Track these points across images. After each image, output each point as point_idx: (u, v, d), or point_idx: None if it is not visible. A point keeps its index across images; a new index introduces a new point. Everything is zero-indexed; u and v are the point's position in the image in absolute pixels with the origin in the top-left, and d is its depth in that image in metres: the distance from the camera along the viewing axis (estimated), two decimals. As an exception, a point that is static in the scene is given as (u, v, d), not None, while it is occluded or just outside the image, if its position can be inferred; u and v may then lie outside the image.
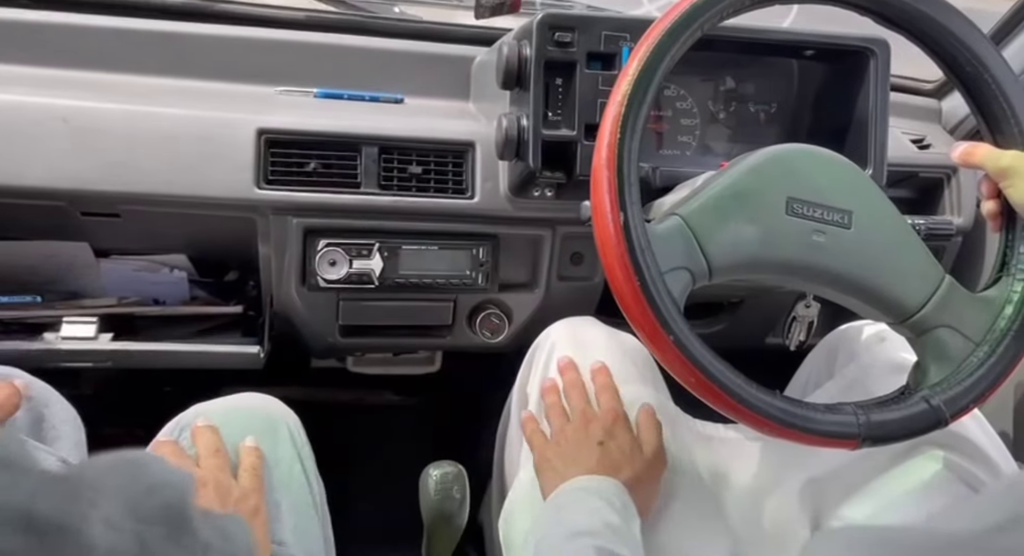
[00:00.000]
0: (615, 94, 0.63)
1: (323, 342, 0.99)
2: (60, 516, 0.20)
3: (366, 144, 0.89)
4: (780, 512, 0.75)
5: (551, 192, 0.90)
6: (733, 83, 0.94)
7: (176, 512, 0.23)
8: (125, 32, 0.96)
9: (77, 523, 0.21)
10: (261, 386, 0.84)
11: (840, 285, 0.68)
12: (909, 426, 0.66)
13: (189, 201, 0.87)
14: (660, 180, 0.82)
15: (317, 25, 1.06)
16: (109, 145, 0.84)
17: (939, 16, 0.69)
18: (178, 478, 0.25)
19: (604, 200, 0.61)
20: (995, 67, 0.70)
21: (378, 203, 0.90)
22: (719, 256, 0.64)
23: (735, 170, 0.67)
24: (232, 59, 0.99)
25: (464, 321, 1.01)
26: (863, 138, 0.87)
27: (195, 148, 0.86)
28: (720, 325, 1.14)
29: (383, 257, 0.92)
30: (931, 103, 1.18)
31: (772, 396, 0.63)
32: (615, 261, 0.60)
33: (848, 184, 0.69)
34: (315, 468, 0.74)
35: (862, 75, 0.87)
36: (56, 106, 0.84)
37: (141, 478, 0.24)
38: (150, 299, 0.99)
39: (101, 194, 0.85)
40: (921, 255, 0.70)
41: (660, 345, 0.60)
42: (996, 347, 0.68)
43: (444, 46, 1.06)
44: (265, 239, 0.92)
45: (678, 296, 0.62)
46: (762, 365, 0.76)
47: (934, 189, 1.07)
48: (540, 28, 0.82)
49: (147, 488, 0.23)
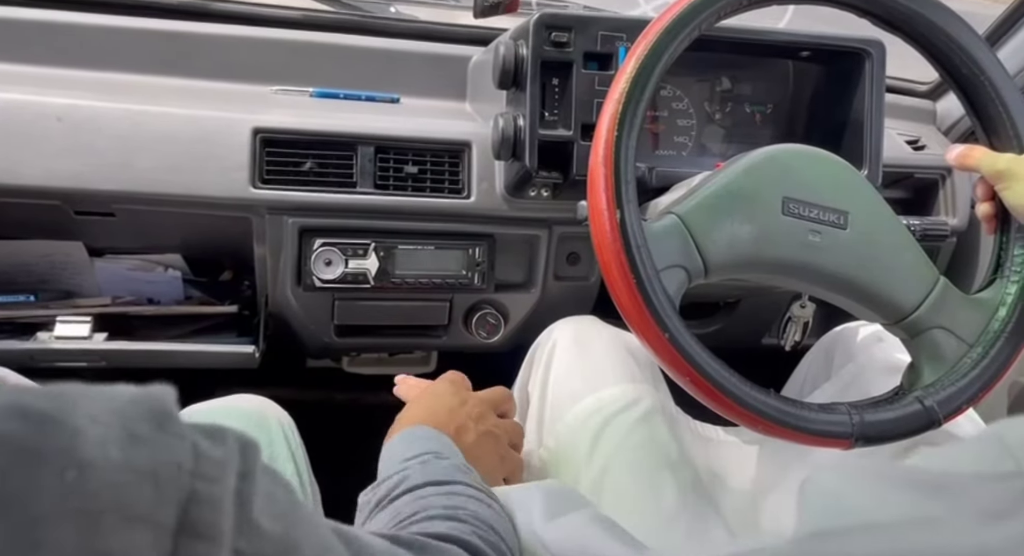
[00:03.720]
0: (612, 92, 0.63)
1: (318, 342, 0.99)
2: (50, 408, 0.21)
3: (362, 144, 0.89)
4: (777, 513, 0.75)
5: (547, 192, 0.90)
6: (729, 84, 0.94)
7: (161, 413, 0.23)
8: (120, 31, 0.96)
9: (66, 416, 0.21)
10: (256, 386, 0.84)
11: (835, 285, 0.68)
12: (902, 426, 0.66)
13: (184, 200, 0.86)
14: (656, 180, 0.82)
15: (313, 24, 1.05)
16: (104, 144, 0.84)
17: (935, 18, 0.70)
18: (158, 391, 0.25)
19: (601, 198, 0.61)
20: (990, 69, 0.70)
21: (374, 203, 0.90)
22: (715, 255, 0.64)
23: (731, 170, 0.67)
24: (228, 58, 0.98)
25: (460, 321, 1.01)
26: (858, 139, 0.87)
27: (190, 147, 0.86)
28: (716, 325, 1.14)
29: (379, 257, 0.91)
30: (926, 104, 1.19)
31: (766, 395, 0.63)
32: (611, 258, 0.60)
33: (844, 185, 0.69)
34: (309, 469, 0.74)
35: (857, 76, 0.88)
36: (50, 105, 0.84)
37: (119, 394, 0.24)
38: (144, 298, 0.99)
39: (96, 193, 0.85)
40: (916, 256, 0.70)
41: (655, 342, 0.60)
42: (989, 349, 0.68)
43: (440, 46, 1.06)
44: (260, 239, 0.91)
45: (674, 294, 0.62)
46: (758, 365, 0.77)
47: (929, 190, 1.08)
48: (537, 28, 0.82)
49: (129, 398, 0.24)
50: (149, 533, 0.21)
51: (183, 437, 0.23)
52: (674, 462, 0.75)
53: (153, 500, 0.21)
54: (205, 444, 0.24)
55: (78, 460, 0.21)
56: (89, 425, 0.21)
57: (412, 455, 0.57)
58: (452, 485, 0.52)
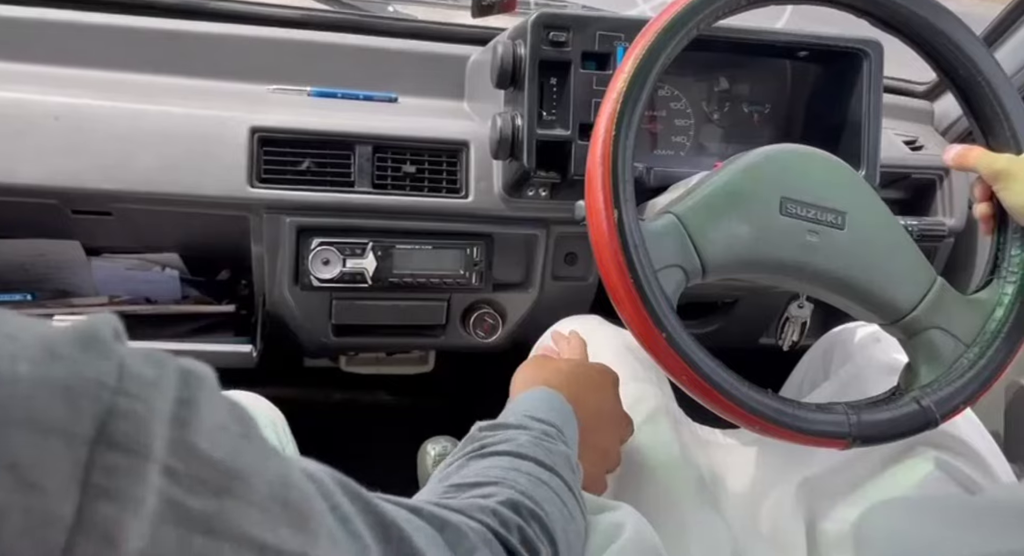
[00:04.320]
0: (611, 91, 0.63)
1: (316, 341, 0.99)
2: None
3: (360, 143, 0.89)
4: (776, 513, 0.75)
5: (545, 192, 0.90)
6: (727, 84, 0.94)
7: (89, 335, 0.23)
8: (117, 29, 0.96)
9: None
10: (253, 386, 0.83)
11: (832, 285, 0.68)
12: (899, 426, 0.66)
13: (181, 199, 0.86)
14: (654, 180, 0.82)
15: (311, 23, 1.05)
16: (101, 143, 0.84)
17: (933, 18, 0.70)
18: (99, 318, 0.25)
19: (598, 197, 0.61)
20: (988, 70, 0.70)
21: (372, 202, 0.90)
22: (712, 254, 0.64)
23: (729, 169, 0.67)
24: (225, 57, 0.98)
25: (458, 321, 1.01)
26: (856, 139, 0.87)
27: (188, 146, 0.85)
28: (714, 325, 1.14)
29: (376, 256, 0.91)
30: (923, 104, 1.19)
31: (764, 395, 0.63)
32: (609, 257, 0.60)
33: (842, 185, 0.69)
34: None
35: (855, 76, 0.88)
36: (48, 103, 0.83)
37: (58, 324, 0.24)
38: (142, 298, 0.99)
39: (93, 192, 0.84)
40: (913, 257, 0.70)
41: (652, 342, 0.60)
42: (986, 349, 0.68)
43: (438, 45, 1.05)
44: (258, 238, 0.91)
45: (671, 293, 0.62)
46: (755, 365, 0.77)
47: (926, 190, 1.08)
48: (535, 27, 0.82)
49: (65, 326, 0.24)
50: (61, 443, 0.21)
51: (108, 357, 0.23)
52: (675, 463, 0.75)
53: (66, 414, 0.21)
54: (136, 365, 0.24)
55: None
56: (4, 341, 0.21)
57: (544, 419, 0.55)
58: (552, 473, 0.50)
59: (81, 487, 0.21)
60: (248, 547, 0.24)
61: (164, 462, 0.23)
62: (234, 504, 0.24)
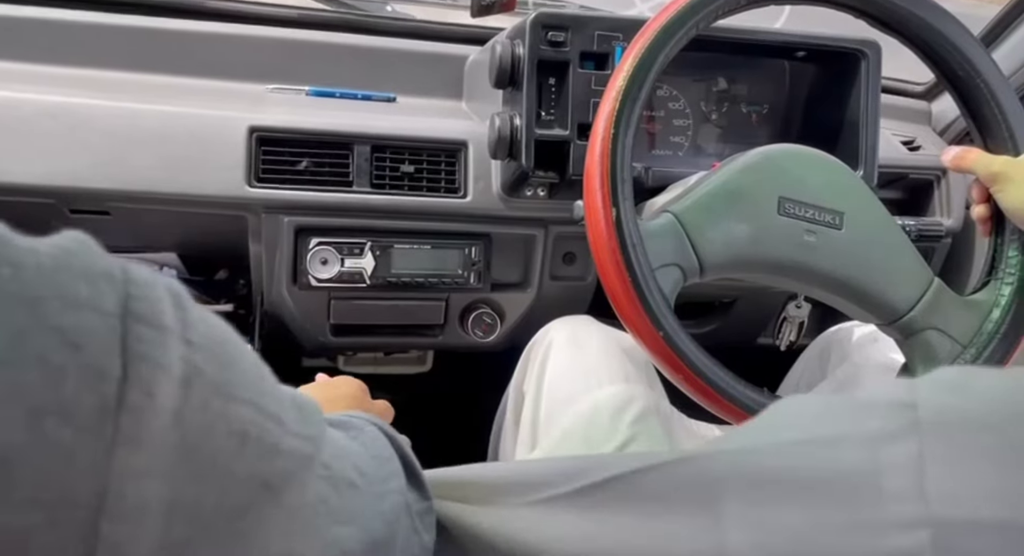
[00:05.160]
0: (609, 90, 0.63)
1: (314, 341, 0.99)
2: None
3: (358, 143, 0.89)
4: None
5: (544, 192, 0.90)
6: (725, 84, 0.94)
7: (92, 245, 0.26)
8: (115, 28, 0.96)
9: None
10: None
11: (830, 285, 0.68)
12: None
13: (179, 199, 0.86)
14: (653, 180, 0.82)
15: (310, 23, 1.05)
16: (99, 142, 0.84)
17: (931, 19, 0.70)
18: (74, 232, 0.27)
19: (597, 196, 0.61)
20: (986, 71, 0.70)
21: (370, 202, 0.90)
22: (710, 254, 0.64)
23: (728, 169, 0.67)
24: (224, 56, 0.98)
25: (456, 320, 1.01)
26: (854, 139, 0.87)
27: (186, 146, 0.85)
28: (711, 325, 1.14)
29: (375, 256, 0.91)
30: (921, 105, 1.19)
31: (761, 394, 0.63)
32: (607, 256, 0.60)
33: (840, 185, 0.69)
34: None
35: (853, 77, 0.88)
36: (45, 102, 0.83)
37: None
38: (140, 297, 0.98)
39: (90, 192, 0.84)
40: (911, 257, 0.70)
41: (650, 340, 0.60)
42: (983, 350, 0.68)
43: (437, 45, 1.06)
44: (256, 237, 0.91)
45: (669, 292, 0.62)
46: (753, 365, 0.77)
47: (924, 190, 1.08)
48: (533, 27, 0.82)
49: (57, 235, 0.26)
50: (94, 315, 0.23)
51: (112, 261, 0.26)
52: None
53: (91, 293, 0.23)
54: (132, 268, 0.26)
55: (10, 259, 0.22)
56: (19, 237, 0.24)
57: None
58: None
59: (121, 349, 0.23)
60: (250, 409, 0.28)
61: (181, 334, 0.26)
62: (235, 376, 0.28)
